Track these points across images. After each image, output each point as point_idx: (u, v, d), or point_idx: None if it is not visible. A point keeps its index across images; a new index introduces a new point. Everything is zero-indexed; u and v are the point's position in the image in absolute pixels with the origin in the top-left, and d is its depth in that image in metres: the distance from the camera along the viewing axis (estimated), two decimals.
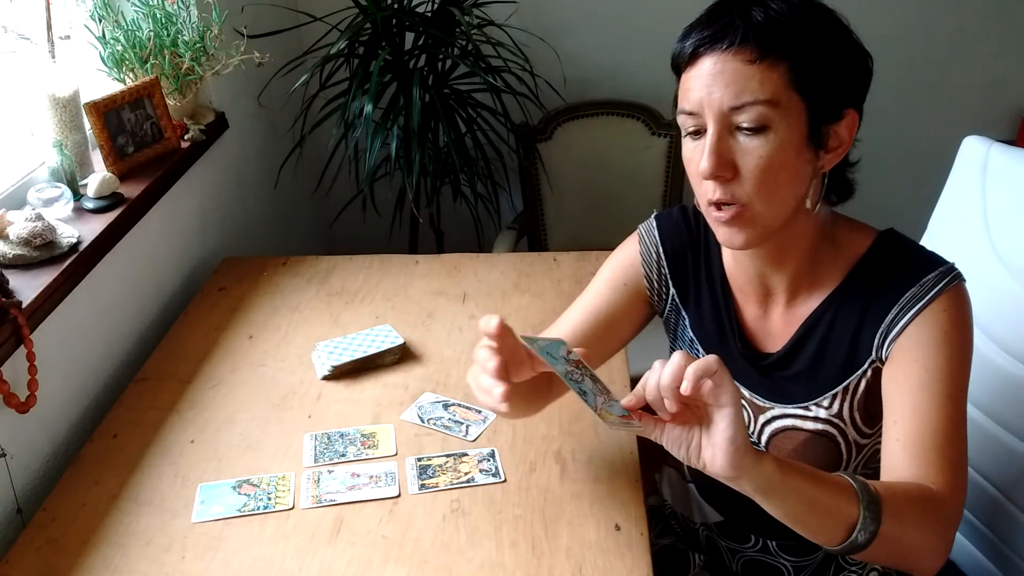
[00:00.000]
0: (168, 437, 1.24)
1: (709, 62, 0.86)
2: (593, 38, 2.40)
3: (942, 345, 0.90)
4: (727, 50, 0.85)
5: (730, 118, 0.86)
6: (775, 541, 1.09)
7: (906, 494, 0.85)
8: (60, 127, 1.42)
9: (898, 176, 2.51)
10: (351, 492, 1.13)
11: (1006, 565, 1.20)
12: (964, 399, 0.92)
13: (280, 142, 2.16)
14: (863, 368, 0.95)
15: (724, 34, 0.85)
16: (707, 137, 0.87)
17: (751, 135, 0.85)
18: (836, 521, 0.81)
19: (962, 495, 0.90)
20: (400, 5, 2.05)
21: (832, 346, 0.97)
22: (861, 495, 0.81)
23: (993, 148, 1.22)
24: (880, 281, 0.95)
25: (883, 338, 0.94)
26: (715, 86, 0.85)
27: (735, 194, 0.87)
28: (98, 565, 1.04)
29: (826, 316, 0.97)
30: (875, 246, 0.97)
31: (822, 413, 0.98)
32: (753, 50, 0.84)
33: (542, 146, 2.31)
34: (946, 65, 2.38)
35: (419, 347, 1.44)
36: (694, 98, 0.87)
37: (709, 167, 0.86)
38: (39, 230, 1.24)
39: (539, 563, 1.02)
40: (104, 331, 1.42)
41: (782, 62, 0.84)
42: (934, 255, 0.96)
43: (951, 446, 0.89)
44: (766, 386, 1.02)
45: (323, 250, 2.42)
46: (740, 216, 0.88)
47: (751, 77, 0.84)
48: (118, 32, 1.56)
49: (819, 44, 0.86)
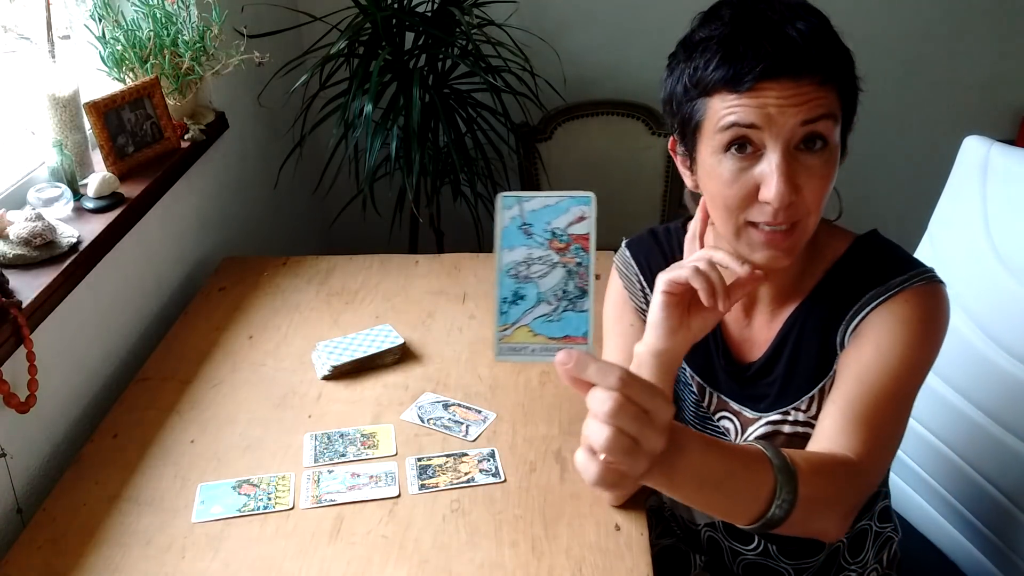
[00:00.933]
0: (168, 437, 1.24)
1: (780, 86, 0.82)
2: (593, 38, 2.40)
3: (897, 330, 0.90)
4: (800, 76, 0.82)
5: (795, 137, 0.83)
6: (775, 545, 1.09)
7: (822, 465, 0.82)
8: (60, 127, 1.42)
9: (898, 176, 2.51)
10: (351, 492, 1.13)
11: (1006, 565, 1.20)
12: (912, 386, 0.90)
13: (280, 142, 2.16)
14: (833, 369, 0.96)
15: (793, 57, 0.82)
16: (772, 163, 0.83)
17: (815, 154, 0.84)
18: (752, 491, 0.75)
19: (877, 474, 0.88)
20: (400, 5, 2.05)
21: (805, 349, 0.98)
22: (774, 461, 0.75)
23: (993, 148, 1.22)
24: (851, 283, 0.95)
25: (844, 333, 0.94)
26: (788, 107, 0.82)
27: (795, 214, 0.85)
28: (98, 565, 1.04)
29: (799, 320, 0.98)
30: (851, 250, 0.98)
31: (800, 416, 0.99)
32: (821, 73, 0.83)
33: (542, 146, 2.31)
34: (946, 65, 2.38)
35: (419, 347, 1.44)
36: (759, 115, 0.82)
37: (784, 194, 0.82)
38: (39, 230, 1.24)
39: (539, 563, 1.02)
40: (104, 331, 1.42)
41: (835, 82, 0.85)
42: (911, 259, 0.96)
43: (884, 423, 0.87)
44: (753, 396, 1.03)
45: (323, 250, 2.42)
46: (791, 236, 0.87)
47: (820, 97, 0.83)
48: (118, 32, 1.56)
49: (850, 62, 0.87)
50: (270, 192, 2.16)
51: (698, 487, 0.70)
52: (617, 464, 0.61)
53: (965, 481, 1.25)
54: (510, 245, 0.62)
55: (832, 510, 0.82)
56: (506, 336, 0.62)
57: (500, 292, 0.62)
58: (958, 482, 1.26)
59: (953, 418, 1.24)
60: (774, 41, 0.82)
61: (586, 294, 0.62)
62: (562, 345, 0.61)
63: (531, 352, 0.62)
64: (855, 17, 2.34)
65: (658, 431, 0.61)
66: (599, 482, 0.62)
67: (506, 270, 0.62)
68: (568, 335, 0.62)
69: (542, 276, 0.62)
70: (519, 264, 0.62)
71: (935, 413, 1.27)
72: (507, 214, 0.62)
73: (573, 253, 0.62)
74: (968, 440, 1.23)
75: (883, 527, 1.12)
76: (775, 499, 0.74)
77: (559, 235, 0.62)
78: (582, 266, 0.62)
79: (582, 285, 0.62)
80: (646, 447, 0.61)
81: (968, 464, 1.24)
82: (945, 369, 1.25)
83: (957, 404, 1.23)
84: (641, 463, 0.61)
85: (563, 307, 0.62)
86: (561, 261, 0.62)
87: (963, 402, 1.22)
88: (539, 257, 0.62)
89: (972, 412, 1.21)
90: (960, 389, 1.23)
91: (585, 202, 0.62)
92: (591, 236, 0.62)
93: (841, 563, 1.10)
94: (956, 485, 1.27)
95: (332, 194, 2.18)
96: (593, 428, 0.60)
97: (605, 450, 0.60)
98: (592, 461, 0.62)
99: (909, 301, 0.91)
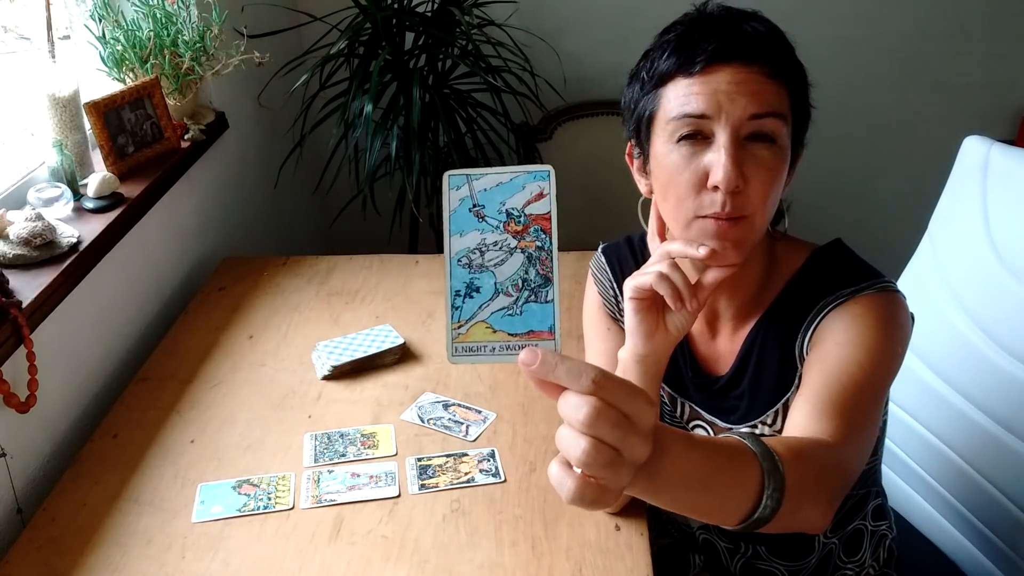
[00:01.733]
0: (168, 437, 1.24)
1: (731, 71, 0.84)
2: (593, 38, 2.40)
3: (854, 326, 0.90)
4: (751, 62, 0.84)
5: (743, 129, 0.85)
6: (763, 547, 1.09)
7: (801, 449, 0.77)
8: (60, 127, 1.42)
9: (898, 176, 2.51)
10: (351, 492, 1.13)
11: (1006, 564, 1.20)
12: (878, 377, 0.89)
13: (280, 142, 2.16)
14: (796, 383, 0.96)
15: (746, 46, 0.85)
16: (721, 147, 0.84)
17: (764, 146, 0.85)
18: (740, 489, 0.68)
19: (855, 461, 0.84)
20: (400, 5, 2.05)
21: (767, 363, 0.98)
22: (756, 449, 0.69)
23: (993, 148, 1.22)
24: (806, 295, 0.96)
25: (802, 345, 0.95)
26: (739, 94, 0.84)
27: (743, 205, 0.86)
28: (98, 565, 1.04)
29: (760, 334, 0.99)
30: (808, 262, 0.98)
31: (767, 431, 0.99)
32: (772, 66, 0.85)
33: (542, 146, 2.31)
34: (946, 65, 2.38)
35: (419, 347, 1.44)
36: (710, 102, 0.84)
37: (732, 177, 0.83)
38: (39, 230, 1.24)
39: (539, 563, 1.02)
40: (104, 331, 1.42)
41: (786, 82, 0.87)
42: (866, 270, 0.95)
43: (854, 409, 0.85)
44: (723, 408, 1.03)
45: (323, 250, 2.41)
46: (738, 228, 0.87)
47: (770, 91, 0.85)
48: (118, 32, 1.56)
49: (802, 72, 0.90)
50: (270, 192, 2.16)
51: (683, 489, 0.62)
52: (597, 478, 0.53)
53: (965, 481, 1.25)
54: (460, 230, 0.55)
55: (816, 496, 0.76)
56: (461, 335, 0.54)
57: (452, 284, 0.54)
58: (958, 482, 1.26)
59: (953, 418, 1.24)
60: (727, 31, 0.86)
61: (550, 282, 0.54)
62: (525, 342, 0.54)
63: (490, 352, 0.54)
64: (855, 17, 2.35)
65: (642, 437, 0.53)
66: (577, 500, 0.54)
67: (457, 259, 0.54)
68: (532, 330, 0.54)
69: (499, 264, 0.54)
70: (471, 251, 0.55)
71: (935, 413, 1.27)
72: (455, 195, 0.55)
73: (532, 236, 0.55)
74: (968, 440, 1.23)
75: (877, 525, 1.12)
76: (764, 491, 0.67)
77: (515, 216, 0.55)
78: (543, 250, 0.54)
79: (545, 272, 0.54)
80: (629, 457, 0.53)
81: (968, 464, 1.23)
82: (945, 369, 1.25)
83: (957, 404, 1.23)
84: (624, 476, 0.54)
85: (524, 298, 0.54)
86: (519, 246, 0.54)
87: (963, 402, 1.22)
88: (494, 242, 0.54)
89: (972, 412, 1.21)
90: (960, 389, 1.23)
91: (543, 177, 0.55)
92: (552, 215, 0.55)
93: (836, 563, 1.10)
94: (956, 485, 1.27)
95: (332, 194, 2.18)
96: (567, 439, 0.53)
97: (582, 464, 0.52)
98: (568, 476, 0.54)
99: (861, 304, 0.92)
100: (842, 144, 2.47)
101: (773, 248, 1.00)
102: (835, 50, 2.35)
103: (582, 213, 2.39)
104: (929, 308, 1.26)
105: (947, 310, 1.24)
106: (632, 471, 0.54)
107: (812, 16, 2.30)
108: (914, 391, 1.30)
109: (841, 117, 2.44)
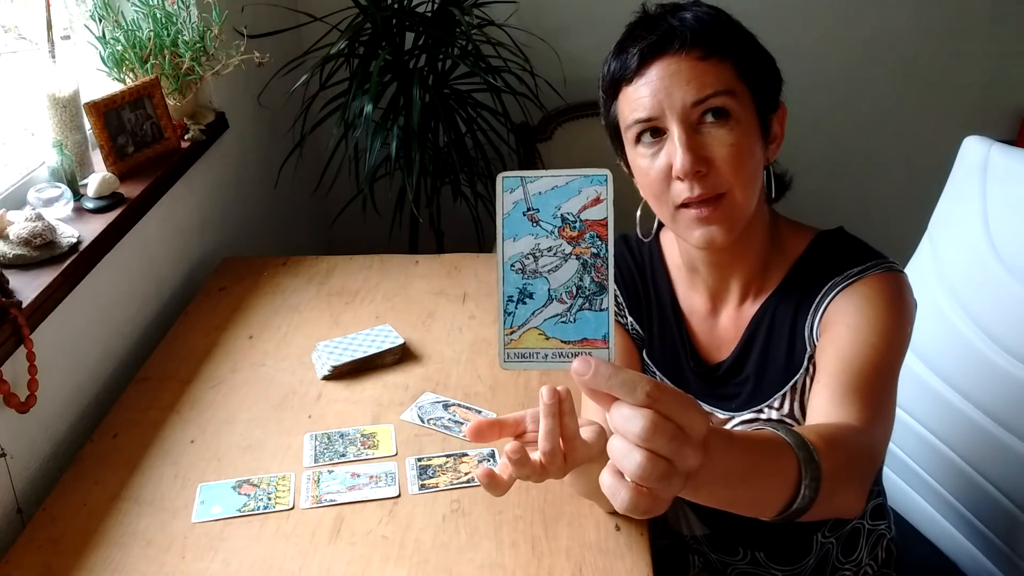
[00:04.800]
0: (168, 437, 1.24)
1: (661, 66, 0.88)
2: (593, 38, 2.38)
3: (865, 308, 0.91)
4: (678, 51, 0.87)
5: (692, 115, 0.87)
6: (763, 552, 1.09)
7: (833, 436, 0.77)
8: (60, 127, 1.42)
9: (898, 176, 2.51)
10: (351, 492, 1.13)
11: (1006, 565, 1.20)
12: (891, 360, 0.89)
13: (280, 142, 2.16)
14: (804, 365, 0.97)
15: (670, 38, 0.87)
16: (674, 137, 0.87)
17: (718, 125, 0.87)
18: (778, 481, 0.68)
19: (880, 444, 0.86)
20: (400, 5, 2.05)
21: (774, 346, 0.99)
22: (790, 441, 0.69)
23: (993, 148, 1.22)
24: (813, 277, 0.97)
25: (811, 326, 0.95)
26: (674, 86, 0.87)
27: (715, 185, 0.88)
28: (98, 565, 1.04)
29: (766, 317, 0.99)
30: (813, 245, 0.99)
31: (774, 415, 0.99)
32: (702, 49, 0.87)
33: (542, 146, 2.30)
34: (946, 65, 2.38)
35: (419, 347, 1.44)
36: (651, 103, 0.88)
37: (688, 163, 0.86)
38: (39, 230, 1.24)
39: (539, 563, 1.02)
40: (104, 331, 1.42)
41: (727, 57, 0.89)
42: (871, 251, 0.97)
43: (873, 391, 0.86)
44: (723, 396, 1.03)
45: (323, 250, 2.42)
46: (720, 208, 0.89)
47: (706, 72, 0.87)
48: (118, 32, 1.56)
49: (749, 41, 0.92)
50: (270, 192, 2.16)
51: (723, 486, 0.62)
52: (650, 488, 0.53)
53: (965, 481, 1.25)
54: (514, 235, 0.54)
55: (851, 480, 0.77)
56: (513, 340, 0.53)
57: (504, 290, 0.53)
58: (958, 482, 1.26)
59: (953, 418, 1.24)
60: (653, 28, 0.89)
61: (605, 290, 0.53)
62: (579, 350, 0.53)
63: (543, 358, 0.53)
64: (855, 17, 2.35)
65: (695, 448, 0.53)
66: (631, 510, 0.54)
67: (510, 264, 0.53)
68: (586, 338, 0.53)
69: (553, 270, 0.53)
70: (525, 256, 0.53)
71: (935, 413, 1.27)
72: (509, 198, 0.54)
73: (588, 242, 0.54)
74: (968, 440, 1.23)
75: (875, 524, 1.12)
76: (802, 481, 0.66)
77: (571, 221, 0.54)
78: (599, 257, 0.53)
79: (600, 279, 0.53)
80: (682, 467, 0.53)
81: (968, 464, 1.23)
82: (945, 368, 1.25)
83: (957, 404, 1.23)
84: (677, 485, 0.53)
85: (579, 305, 0.53)
86: (574, 252, 0.53)
87: (963, 402, 1.22)
88: (548, 248, 0.54)
89: (972, 412, 1.21)
90: (960, 389, 1.23)
91: (600, 181, 0.54)
92: (609, 221, 0.54)
93: (835, 564, 1.10)
94: (956, 485, 1.27)
95: (332, 194, 2.18)
96: (622, 451, 0.52)
97: (637, 477, 0.52)
98: (621, 486, 0.53)
99: (869, 285, 0.93)
100: (842, 144, 2.47)
101: (777, 227, 1.01)
102: (835, 50, 2.35)
103: None
104: (929, 308, 1.26)
105: (947, 310, 1.24)
106: (684, 480, 0.54)
107: (812, 16, 2.30)
108: (914, 391, 1.30)
109: (841, 117, 2.44)
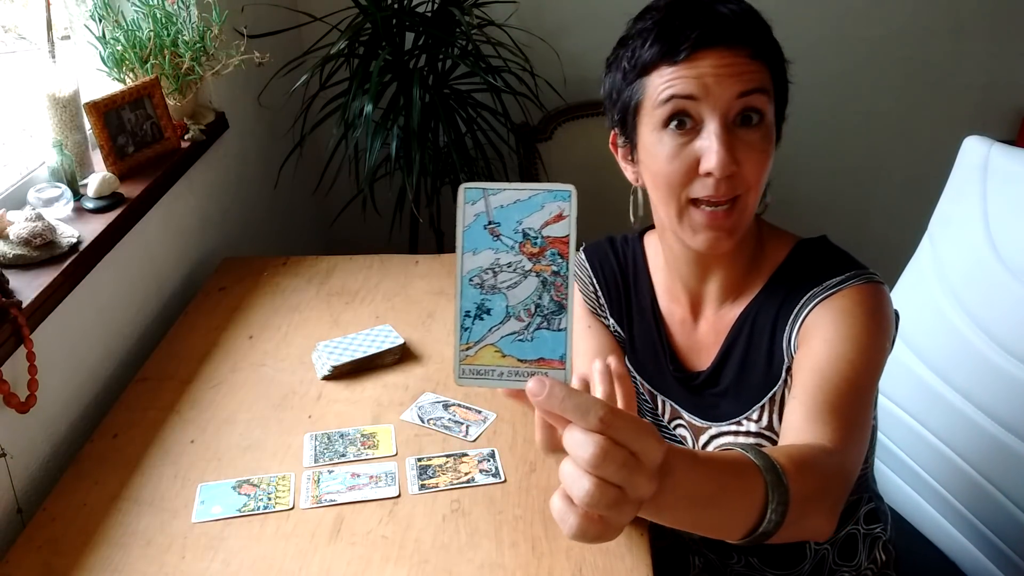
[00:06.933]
0: (168, 437, 1.24)
1: (715, 55, 0.85)
2: (593, 38, 2.38)
3: (842, 322, 0.89)
4: (733, 46, 0.85)
5: (732, 111, 0.85)
6: (756, 558, 1.09)
7: (804, 459, 0.75)
8: (60, 127, 1.42)
9: (898, 176, 2.51)
10: (351, 492, 1.13)
11: (1006, 564, 1.20)
12: (868, 375, 0.88)
13: (280, 142, 2.16)
14: (783, 377, 0.95)
15: (725, 30, 0.85)
16: (711, 132, 0.84)
17: (750, 128, 0.86)
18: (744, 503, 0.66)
19: (853, 463, 0.83)
20: (400, 5, 2.05)
21: (752, 357, 0.97)
22: (759, 463, 0.67)
23: (993, 148, 1.22)
24: (793, 287, 0.95)
25: (790, 338, 0.94)
26: (726, 76, 0.84)
27: (735, 187, 0.87)
28: (98, 565, 1.04)
29: (746, 325, 0.98)
30: (793, 253, 0.98)
31: (752, 427, 0.98)
32: (751, 47, 0.86)
33: (542, 146, 2.30)
34: (946, 65, 2.38)
35: (419, 347, 1.44)
36: (696, 85, 0.84)
37: (726, 163, 0.83)
38: (39, 230, 1.24)
39: (539, 563, 1.02)
40: (104, 331, 1.42)
41: (767, 59, 0.88)
42: (851, 261, 0.95)
43: (848, 409, 0.84)
44: (701, 406, 1.02)
45: (323, 250, 2.42)
46: (732, 213, 0.88)
47: (756, 71, 0.86)
48: (118, 32, 1.56)
49: (778, 46, 0.91)
50: (270, 192, 2.16)
51: (687, 509, 0.61)
52: (601, 516, 0.52)
53: (965, 481, 1.25)
54: (474, 248, 0.53)
55: (821, 504, 0.75)
56: (469, 356, 0.53)
57: (462, 304, 0.53)
58: (958, 482, 1.26)
59: (953, 418, 1.24)
60: (707, 16, 0.86)
61: (564, 310, 0.52)
62: (535, 370, 0.52)
63: (498, 376, 0.52)
64: (855, 17, 2.35)
65: (648, 476, 0.51)
66: (580, 536, 0.52)
67: (468, 278, 0.53)
68: (543, 357, 0.52)
69: (512, 286, 0.52)
70: (484, 271, 0.53)
71: (935, 413, 1.27)
72: (471, 210, 0.53)
73: (549, 260, 0.53)
74: (968, 440, 1.23)
75: (871, 528, 1.12)
76: (768, 505, 0.65)
77: (532, 237, 0.53)
78: (559, 276, 0.52)
79: (559, 299, 0.52)
80: (634, 495, 0.51)
81: (968, 464, 1.24)
82: (945, 369, 1.25)
83: (957, 404, 1.23)
84: (628, 513, 0.52)
85: (536, 324, 0.52)
86: (534, 269, 0.52)
87: (963, 402, 1.22)
88: (508, 263, 0.53)
89: (972, 412, 1.21)
90: (960, 389, 1.23)
91: (564, 197, 0.53)
92: (571, 239, 0.53)
93: (832, 567, 1.09)
94: (956, 485, 1.27)
95: (332, 194, 2.18)
96: (571, 476, 0.51)
97: (585, 505, 0.51)
98: (570, 512, 0.52)
99: (848, 297, 0.91)
100: (842, 144, 2.47)
101: (760, 233, 1.00)
102: (835, 50, 2.35)
103: (581, 213, 2.39)
104: (929, 308, 1.26)
105: (947, 310, 1.24)
106: (637, 508, 0.53)
107: (812, 16, 2.30)
108: (914, 391, 1.30)
109: (841, 117, 2.44)
